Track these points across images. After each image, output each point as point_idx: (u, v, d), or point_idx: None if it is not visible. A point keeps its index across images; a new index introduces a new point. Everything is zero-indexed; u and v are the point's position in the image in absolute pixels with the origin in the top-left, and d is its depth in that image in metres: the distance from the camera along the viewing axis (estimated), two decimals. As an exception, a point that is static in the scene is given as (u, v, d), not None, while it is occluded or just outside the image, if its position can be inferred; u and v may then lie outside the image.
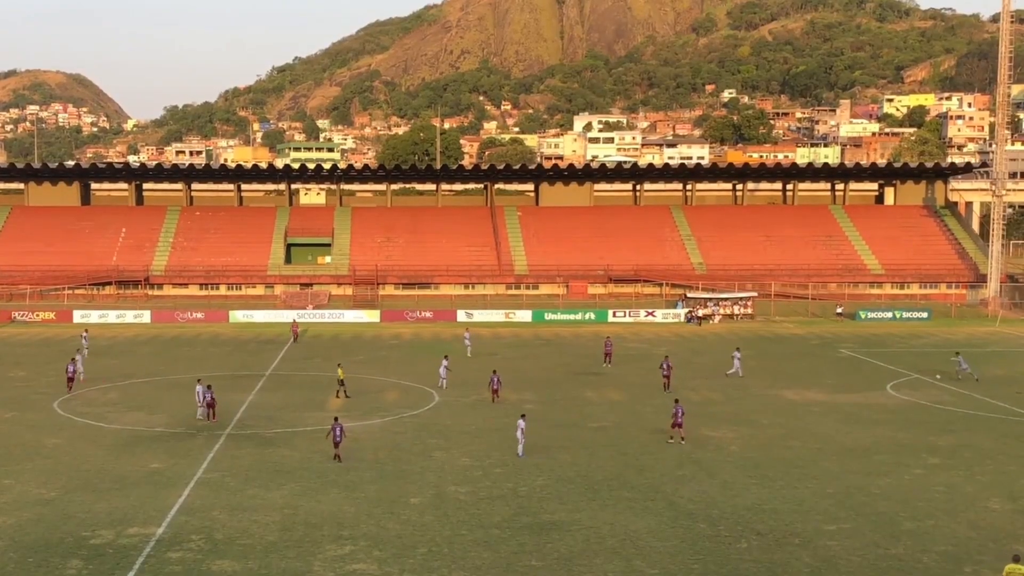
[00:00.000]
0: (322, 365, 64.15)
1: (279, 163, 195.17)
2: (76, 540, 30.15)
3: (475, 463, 39.11)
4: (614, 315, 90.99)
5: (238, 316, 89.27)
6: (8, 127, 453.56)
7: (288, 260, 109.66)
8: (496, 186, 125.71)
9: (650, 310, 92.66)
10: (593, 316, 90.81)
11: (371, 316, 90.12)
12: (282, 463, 39.11)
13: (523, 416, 41.04)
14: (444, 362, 57.78)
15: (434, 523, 31.80)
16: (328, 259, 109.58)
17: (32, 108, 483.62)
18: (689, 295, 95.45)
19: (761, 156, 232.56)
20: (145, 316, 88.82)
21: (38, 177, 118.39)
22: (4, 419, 47.52)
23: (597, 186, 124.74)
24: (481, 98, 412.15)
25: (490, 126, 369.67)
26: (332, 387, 54.39)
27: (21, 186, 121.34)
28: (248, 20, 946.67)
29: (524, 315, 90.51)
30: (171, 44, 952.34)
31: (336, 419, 40.78)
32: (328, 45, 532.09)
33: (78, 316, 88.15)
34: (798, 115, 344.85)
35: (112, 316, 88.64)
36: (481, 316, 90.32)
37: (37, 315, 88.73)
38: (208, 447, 41.77)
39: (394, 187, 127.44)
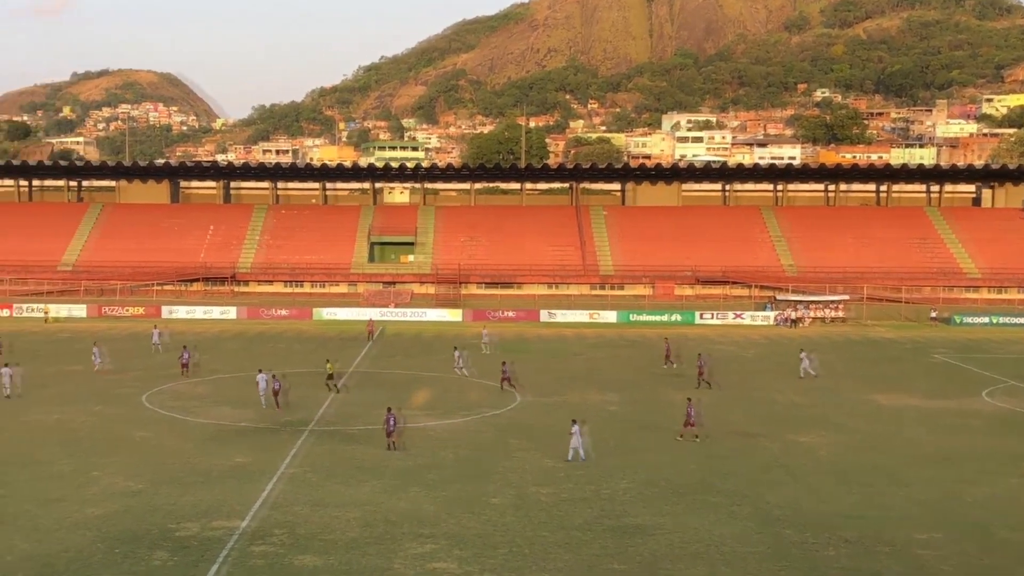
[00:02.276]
0: (404, 363, 64.70)
1: (364, 162, 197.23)
2: (162, 532, 30.76)
3: (557, 464, 39.04)
4: (701, 317, 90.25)
5: (322, 313, 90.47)
6: (101, 126, 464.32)
7: (372, 258, 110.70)
8: (582, 185, 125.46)
9: (738, 312, 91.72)
10: (680, 318, 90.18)
11: (453, 315, 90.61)
12: (364, 460, 39.48)
13: (576, 421, 40.42)
14: (456, 353, 61.14)
15: (515, 523, 31.82)
16: (411, 258, 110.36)
17: (124, 107, 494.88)
18: (779, 297, 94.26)
19: (854, 157, 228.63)
20: (231, 312, 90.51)
21: (129, 175, 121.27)
22: (93, 412, 48.74)
23: (685, 186, 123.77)
24: (568, 97, 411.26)
25: (577, 125, 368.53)
26: (414, 385, 54.84)
27: (113, 184, 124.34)
28: (336, 20, 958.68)
29: (609, 316, 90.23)
30: (261, 44, 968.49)
31: (389, 409, 41.87)
32: (415, 44, 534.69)
33: (166, 312, 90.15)
34: (893, 115, 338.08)
35: (199, 312, 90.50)
36: (565, 316, 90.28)
37: (127, 310, 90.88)
38: (291, 443, 42.35)
39: (479, 186, 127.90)
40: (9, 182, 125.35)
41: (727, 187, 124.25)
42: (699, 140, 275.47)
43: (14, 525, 31.20)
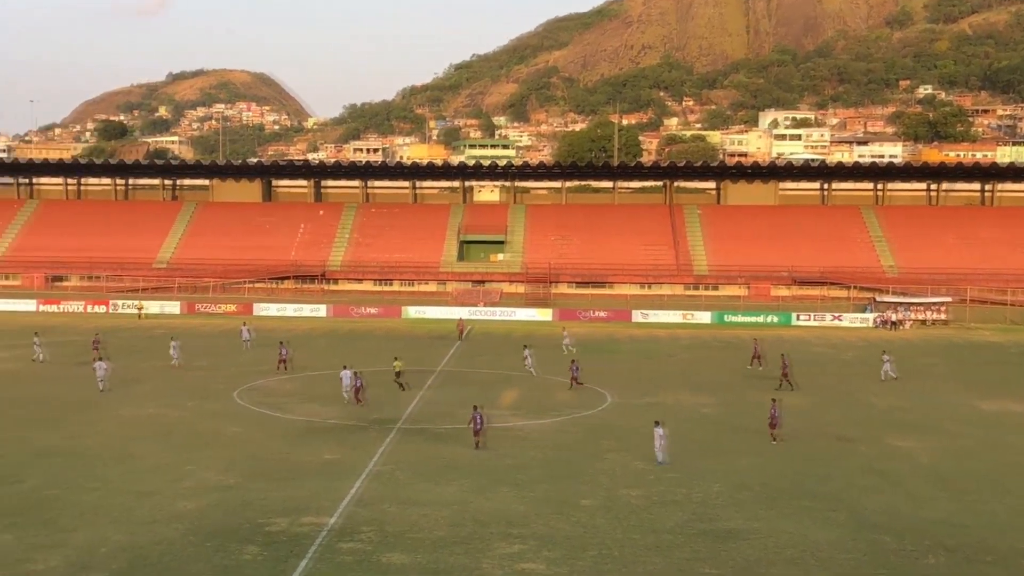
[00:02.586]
0: (493, 362, 64.88)
1: (455, 160, 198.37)
2: (253, 527, 31.25)
3: (648, 467, 38.77)
4: (798, 318, 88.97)
5: (411, 312, 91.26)
6: (195, 125, 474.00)
7: (461, 257, 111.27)
8: (676, 184, 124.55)
9: (837, 314, 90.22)
10: (776, 319, 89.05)
11: (543, 315, 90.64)
12: (452, 459, 39.65)
13: (659, 423, 39.95)
14: (525, 351, 61.18)
15: (605, 526, 31.68)
16: (501, 256, 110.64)
17: (218, 107, 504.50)
18: (879, 299, 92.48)
19: (959, 155, 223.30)
20: (321, 310, 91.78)
21: (223, 174, 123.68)
22: (187, 407, 49.77)
23: (783, 185, 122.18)
24: (662, 94, 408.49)
25: (671, 122, 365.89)
26: (503, 384, 54.96)
27: (207, 182, 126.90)
28: (428, 18, 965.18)
29: (703, 316, 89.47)
30: (352, 43, 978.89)
31: (476, 407, 42.00)
32: (507, 42, 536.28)
33: (258, 309, 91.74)
34: (1000, 112, 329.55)
35: (290, 310, 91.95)
36: (658, 317, 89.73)
37: (219, 307, 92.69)
38: (380, 440, 42.73)
39: (570, 184, 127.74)
40: (106, 181, 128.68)
41: (826, 186, 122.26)
42: (797, 138, 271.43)
43: (109, 517, 31.98)
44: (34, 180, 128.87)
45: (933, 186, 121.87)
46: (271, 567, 27.88)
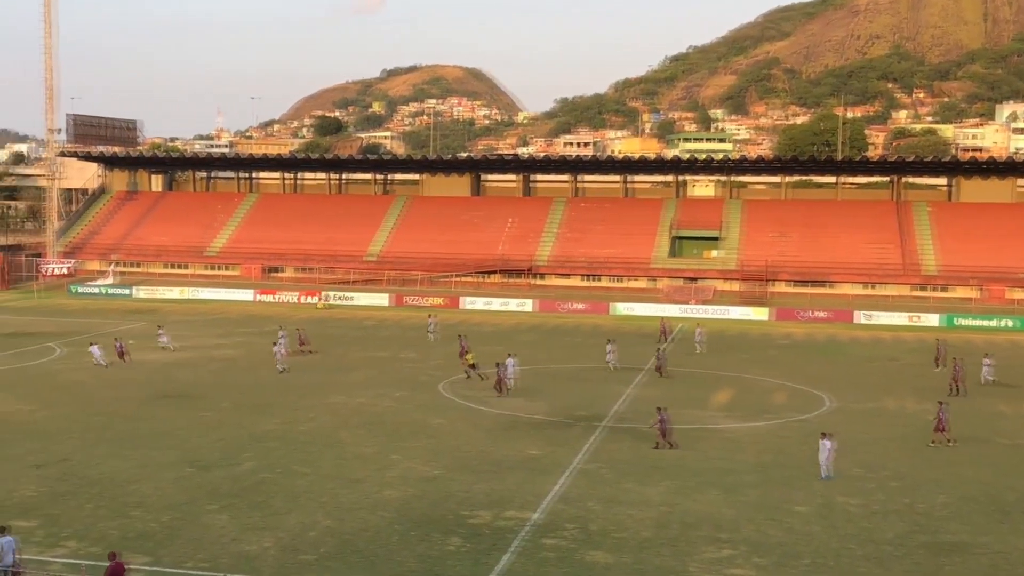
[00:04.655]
0: (703, 362, 64.19)
1: (669, 154, 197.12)
2: (456, 518, 31.97)
3: (868, 474, 37.64)
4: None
5: (619, 308, 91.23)
6: (408, 120, 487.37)
7: (673, 253, 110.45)
8: (904, 179, 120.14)
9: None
10: (1011, 323, 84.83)
11: (759, 314, 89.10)
12: (659, 459, 39.48)
13: (825, 435, 38.20)
14: (609, 347, 60.99)
15: (820, 533, 30.94)
16: (716, 253, 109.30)
17: (430, 102, 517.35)
18: None
19: None
20: (528, 305, 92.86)
21: (433, 168, 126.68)
22: (394, 398, 51.32)
23: (1020, 181, 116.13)
24: (891, 85, 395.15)
25: (900, 115, 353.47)
26: (714, 384, 54.42)
27: (417, 177, 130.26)
28: (642, 10, 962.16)
29: (931, 319, 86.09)
30: (565, 37, 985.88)
31: (660, 409, 41.99)
32: (725, 32, 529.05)
33: (465, 303, 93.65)
34: None
35: (496, 304, 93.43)
36: (882, 319, 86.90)
37: (427, 300, 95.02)
38: (585, 437, 42.96)
39: (790, 179, 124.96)
40: (321, 175, 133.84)
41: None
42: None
43: (318, 502, 33.33)
44: (254, 175, 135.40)
45: None
46: (473, 559, 28.46)
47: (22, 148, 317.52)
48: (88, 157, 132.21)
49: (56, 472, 36.64)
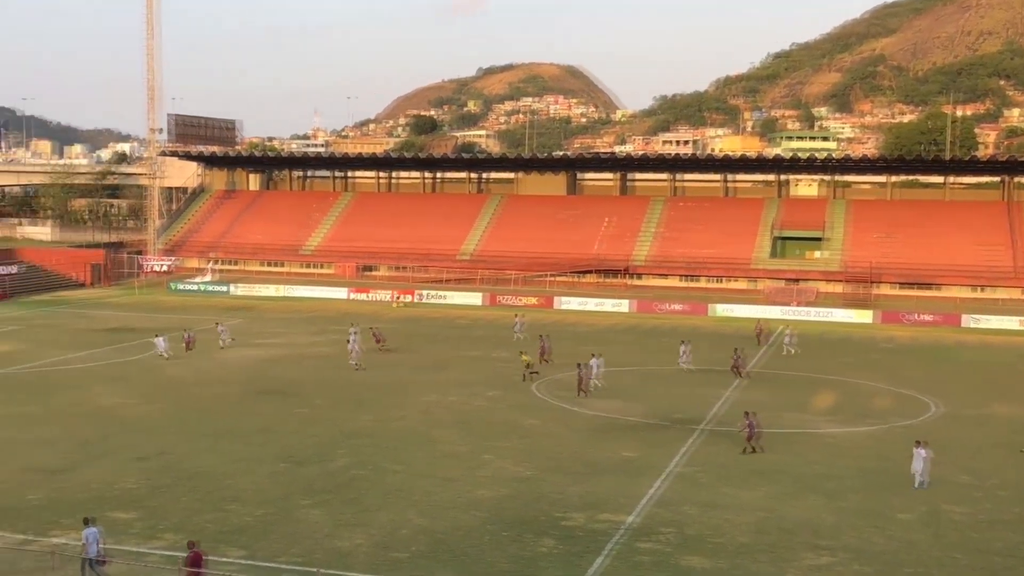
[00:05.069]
0: (805, 365, 63.30)
1: (770, 153, 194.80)
2: (549, 520, 31.99)
3: (976, 482, 36.81)
4: None
5: (718, 310, 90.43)
6: (503, 119, 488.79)
7: (775, 254, 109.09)
8: (1016, 179, 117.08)
9: None
10: None
11: (862, 316, 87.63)
12: (758, 463, 39.05)
13: (920, 442, 37.14)
14: (682, 347, 61.19)
15: (924, 542, 30.34)
16: (819, 254, 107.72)
17: (526, 100, 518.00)
18: None
19: None
20: (624, 305, 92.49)
21: (528, 167, 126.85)
22: (487, 397, 51.54)
23: None
24: (1003, 83, 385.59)
25: (1012, 114, 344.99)
26: (815, 388, 53.77)
27: (512, 176, 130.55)
28: (745, 7, 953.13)
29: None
30: (665, 34, 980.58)
31: (747, 413, 41.63)
32: (830, 29, 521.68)
33: (559, 302, 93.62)
34: None
35: (591, 304, 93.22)
36: (992, 323, 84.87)
37: (520, 300, 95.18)
38: (682, 440, 42.66)
39: (896, 179, 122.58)
40: (416, 174, 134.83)
41: None
42: None
43: (410, 500, 33.63)
44: (349, 174, 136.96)
45: None
46: (567, 561, 28.45)
47: (125, 147, 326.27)
48: (188, 156, 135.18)
49: (156, 465, 37.55)
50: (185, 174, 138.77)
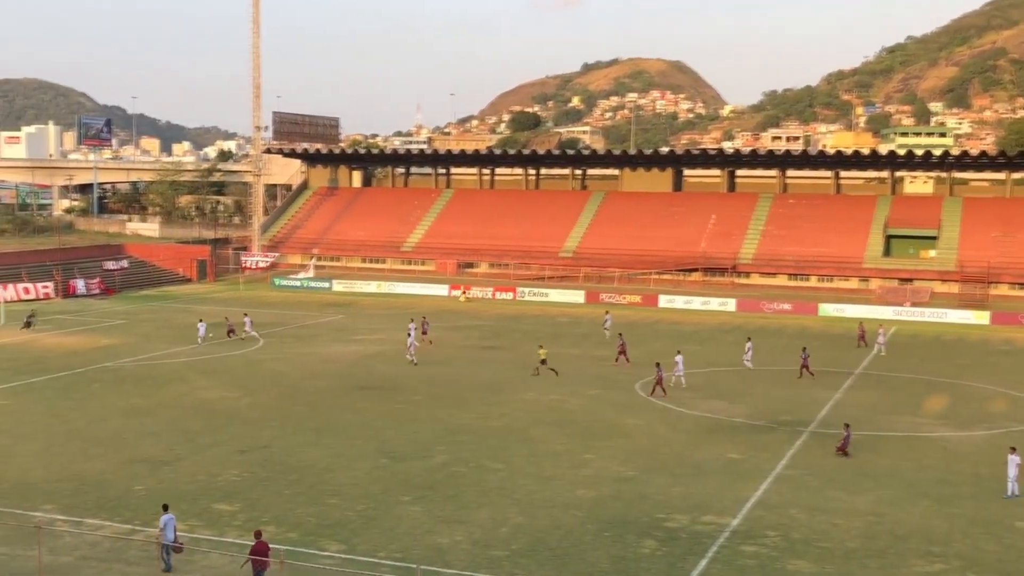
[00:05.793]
0: (917, 367, 62.04)
1: (883, 149, 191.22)
2: (651, 521, 31.85)
3: (1100, 491, 35.70)
4: None
5: (828, 309, 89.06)
6: (607, 115, 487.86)
7: (887, 252, 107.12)
8: None
9: None
10: None
11: (979, 317, 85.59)
12: (867, 467, 38.39)
13: (1015, 449, 35.90)
14: (747, 344, 61.22)
15: (1043, 552, 29.56)
16: (933, 253, 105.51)
17: (631, 95, 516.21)
18: None
19: None
20: (730, 304, 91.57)
21: (632, 163, 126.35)
22: (588, 396, 51.46)
23: None
24: None
25: None
26: (927, 391, 52.82)
27: (616, 172, 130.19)
28: (857, 1, 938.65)
29: None
30: (774, 29, 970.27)
31: (847, 425, 41.42)
32: (947, 22, 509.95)
33: (663, 301, 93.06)
34: None
35: (696, 302, 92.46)
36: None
37: (624, 298, 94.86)
38: (789, 443, 42.13)
39: (1016, 176, 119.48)
40: (517, 171, 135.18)
41: None
42: None
43: (511, 498, 33.76)
44: (450, 170, 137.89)
45: None
46: (669, 563, 28.32)
47: (230, 145, 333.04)
48: (291, 154, 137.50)
49: (258, 458, 38.27)
50: (288, 171, 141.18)
